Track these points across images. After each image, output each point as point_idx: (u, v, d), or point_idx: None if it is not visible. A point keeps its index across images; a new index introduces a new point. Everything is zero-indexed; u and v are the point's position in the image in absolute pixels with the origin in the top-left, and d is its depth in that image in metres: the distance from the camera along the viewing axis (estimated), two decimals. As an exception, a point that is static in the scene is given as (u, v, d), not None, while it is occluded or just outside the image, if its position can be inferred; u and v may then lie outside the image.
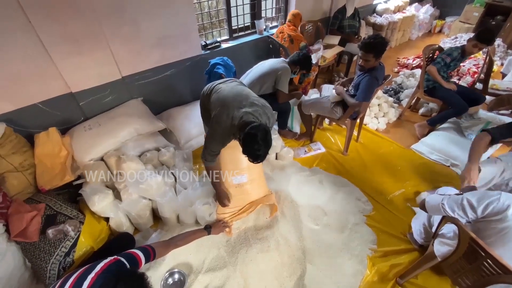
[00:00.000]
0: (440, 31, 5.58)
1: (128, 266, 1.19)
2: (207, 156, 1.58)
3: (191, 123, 2.53)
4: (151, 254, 1.31)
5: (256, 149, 1.30)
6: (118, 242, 1.66)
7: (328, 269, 1.67)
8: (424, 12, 5.31)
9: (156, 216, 1.99)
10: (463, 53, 2.51)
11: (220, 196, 1.81)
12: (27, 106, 1.96)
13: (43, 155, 1.92)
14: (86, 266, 1.15)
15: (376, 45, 1.95)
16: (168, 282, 1.61)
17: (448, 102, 2.60)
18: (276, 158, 2.48)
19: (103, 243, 1.72)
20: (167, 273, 1.62)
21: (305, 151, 2.59)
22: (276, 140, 2.42)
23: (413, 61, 4.17)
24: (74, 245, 1.61)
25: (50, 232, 1.59)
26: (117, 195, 1.94)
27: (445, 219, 1.40)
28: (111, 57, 2.18)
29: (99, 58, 2.11)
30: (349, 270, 1.67)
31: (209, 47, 2.86)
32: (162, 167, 2.16)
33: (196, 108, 2.50)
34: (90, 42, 2.00)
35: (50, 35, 1.83)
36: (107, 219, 1.84)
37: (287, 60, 2.36)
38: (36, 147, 1.93)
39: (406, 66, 4.16)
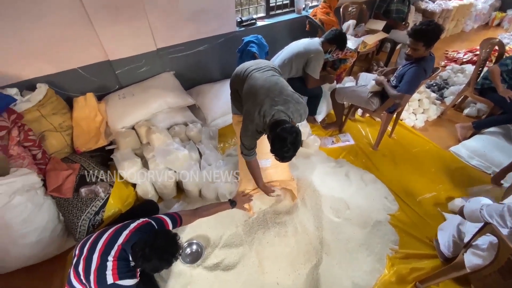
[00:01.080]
0: (498, 25, 4.99)
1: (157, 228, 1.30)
2: (244, 150, 1.58)
3: (219, 102, 2.53)
4: (178, 221, 1.41)
5: (285, 151, 1.30)
6: (143, 208, 1.74)
7: (345, 263, 1.64)
8: (484, 1, 4.73)
9: (179, 188, 2.05)
10: None
11: (265, 191, 1.80)
12: (67, 70, 2.04)
13: (80, 118, 2.02)
14: (121, 224, 1.29)
15: (428, 32, 1.74)
16: (186, 252, 1.67)
17: (503, 106, 2.32)
18: (301, 146, 2.42)
19: (130, 207, 1.81)
20: (186, 243, 1.69)
21: (333, 141, 2.49)
22: (304, 127, 2.35)
23: (464, 55, 3.78)
24: (104, 205, 1.71)
25: (83, 191, 1.70)
26: (145, 164, 2.01)
27: (484, 229, 1.30)
28: (148, 28, 2.18)
29: (137, 28, 2.12)
30: (366, 267, 1.63)
31: (244, 24, 2.77)
32: (189, 142, 2.19)
33: (226, 87, 2.48)
34: (129, 11, 2.01)
35: (92, 1, 1.85)
36: (134, 185, 1.92)
37: (322, 39, 2.21)
38: (74, 110, 2.03)
39: (455, 60, 3.79)
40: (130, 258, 1.19)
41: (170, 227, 1.37)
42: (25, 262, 1.63)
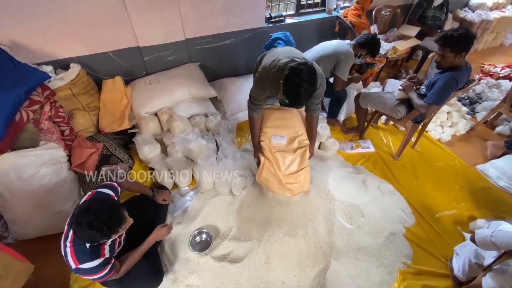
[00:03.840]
0: (544, 40, 4.64)
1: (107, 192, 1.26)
2: (251, 104, 1.62)
3: (240, 96, 2.53)
4: (121, 184, 1.38)
5: (298, 83, 1.19)
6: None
7: (353, 270, 1.60)
8: (529, 14, 4.41)
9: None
10: None
11: (254, 148, 1.86)
12: (100, 53, 2.11)
13: (107, 100, 2.09)
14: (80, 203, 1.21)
15: (455, 38, 1.65)
16: (195, 240, 1.70)
17: None
18: (319, 148, 2.38)
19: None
20: (196, 231, 1.71)
21: (352, 146, 2.43)
22: (324, 129, 2.31)
23: (501, 70, 3.56)
24: (122, 186, 1.76)
25: (104, 170, 1.76)
26: (164, 150, 2.06)
27: (508, 253, 1.22)
28: (179, 18, 2.21)
29: (168, 17, 2.16)
30: (376, 278, 1.59)
31: (272, 20, 2.76)
32: (208, 133, 2.22)
33: (248, 82, 2.48)
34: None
35: (129, -13, 1.90)
36: (152, 170, 1.97)
37: (353, 42, 2.16)
38: (103, 92, 2.11)
39: (491, 74, 3.58)
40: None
41: (119, 188, 1.32)
42: (44, 231, 1.72)
